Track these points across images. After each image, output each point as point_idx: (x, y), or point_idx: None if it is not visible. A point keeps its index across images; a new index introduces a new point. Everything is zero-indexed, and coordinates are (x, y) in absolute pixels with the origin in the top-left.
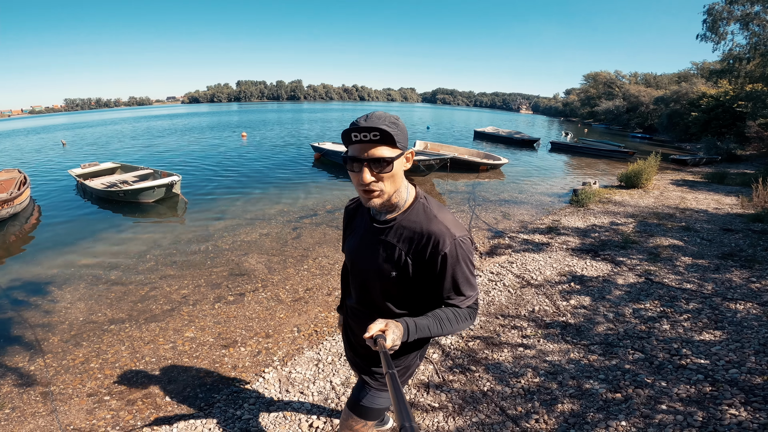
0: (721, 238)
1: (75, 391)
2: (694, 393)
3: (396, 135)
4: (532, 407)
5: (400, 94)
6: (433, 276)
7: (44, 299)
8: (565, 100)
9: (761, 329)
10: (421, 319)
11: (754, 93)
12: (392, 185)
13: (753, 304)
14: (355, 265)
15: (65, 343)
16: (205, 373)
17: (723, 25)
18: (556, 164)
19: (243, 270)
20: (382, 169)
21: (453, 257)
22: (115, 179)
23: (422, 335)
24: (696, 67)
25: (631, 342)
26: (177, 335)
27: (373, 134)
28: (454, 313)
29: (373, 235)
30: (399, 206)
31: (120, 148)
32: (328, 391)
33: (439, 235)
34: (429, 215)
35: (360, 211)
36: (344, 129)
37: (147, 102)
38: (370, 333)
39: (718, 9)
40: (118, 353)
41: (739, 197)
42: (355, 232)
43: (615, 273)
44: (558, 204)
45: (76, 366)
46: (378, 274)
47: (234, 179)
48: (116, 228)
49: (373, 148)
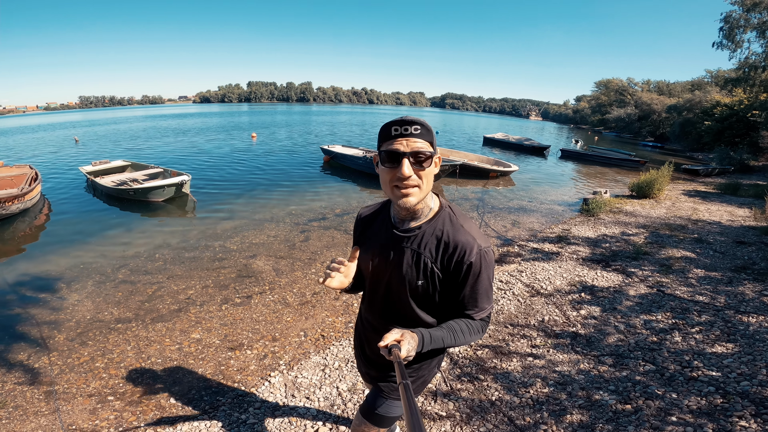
0: (734, 250)
1: (79, 390)
2: (704, 405)
3: (432, 134)
4: (541, 418)
5: (408, 98)
6: (455, 285)
7: (52, 296)
8: (575, 107)
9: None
10: (435, 330)
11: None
12: (428, 184)
13: (766, 317)
14: (377, 275)
15: (71, 342)
16: (210, 376)
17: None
18: (566, 172)
19: (251, 272)
20: (423, 163)
21: (477, 268)
22: (126, 177)
23: (436, 346)
24: (710, 75)
25: (642, 353)
26: (183, 336)
27: (415, 128)
28: (468, 325)
29: (396, 244)
30: (424, 214)
31: (131, 146)
32: (334, 397)
33: (466, 245)
34: (455, 224)
35: (378, 220)
36: (383, 124)
37: (159, 101)
38: (385, 342)
39: (735, 17)
40: (123, 353)
41: (752, 209)
42: (373, 240)
43: (626, 284)
44: (568, 213)
45: (81, 365)
46: (404, 283)
47: (243, 180)
48: (125, 226)
49: (414, 142)
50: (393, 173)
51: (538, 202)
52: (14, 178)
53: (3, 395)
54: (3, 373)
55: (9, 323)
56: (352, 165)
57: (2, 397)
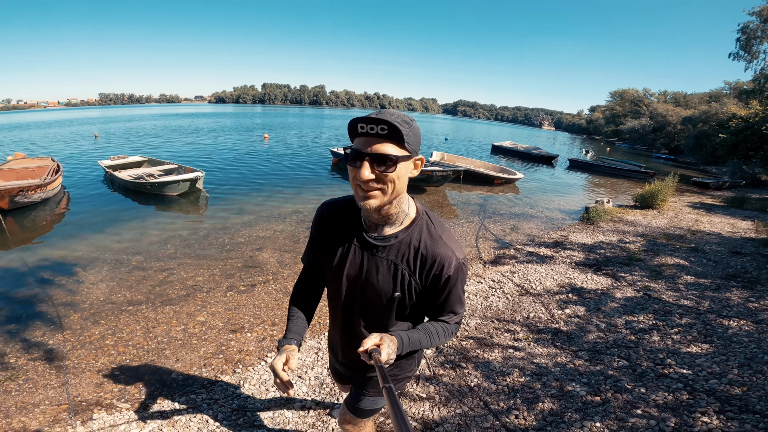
0: (728, 260)
1: (88, 365)
2: (670, 400)
3: (406, 135)
4: (514, 404)
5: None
6: (431, 295)
7: (69, 279)
8: (589, 117)
9: (750, 344)
10: (412, 332)
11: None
12: (393, 189)
13: (747, 321)
14: (349, 283)
15: (84, 321)
16: (212, 354)
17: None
18: (572, 182)
19: (256, 263)
20: (386, 168)
21: (454, 279)
22: (142, 172)
23: (414, 348)
24: (729, 87)
25: (618, 350)
26: (189, 318)
27: (381, 128)
28: (443, 328)
29: (370, 252)
30: (399, 220)
31: (148, 143)
32: (324, 376)
33: (444, 258)
34: (434, 235)
35: (347, 219)
36: (351, 119)
37: (176, 100)
38: (364, 347)
39: (753, 27)
40: (133, 332)
41: (755, 221)
42: (340, 243)
43: (614, 287)
44: (569, 221)
45: (92, 342)
46: (379, 294)
47: (253, 179)
48: (141, 217)
49: (378, 144)
50: (355, 173)
51: (540, 210)
52: (36, 170)
53: (16, 369)
54: (18, 349)
55: (28, 303)
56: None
57: (14, 372)
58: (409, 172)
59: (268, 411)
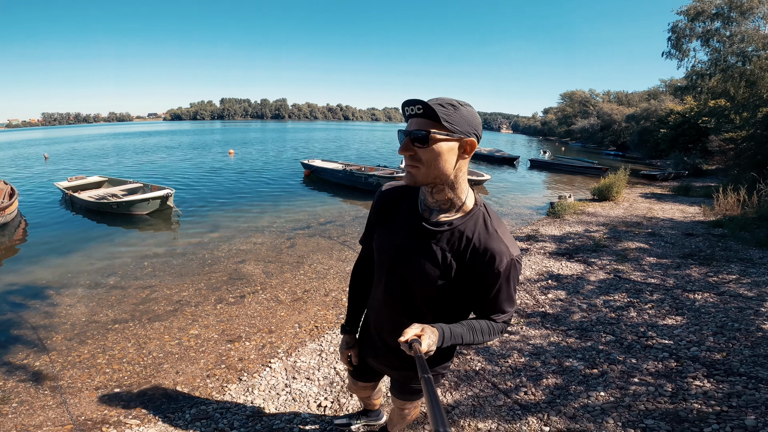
0: (683, 241)
1: (84, 384)
2: (661, 368)
3: (445, 115)
4: (521, 382)
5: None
6: (479, 290)
7: (43, 303)
8: (543, 119)
9: (718, 314)
10: (455, 326)
11: (716, 109)
12: (434, 168)
13: (711, 294)
14: (395, 267)
15: (69, 341)
16: (213, 365)
17: (686, 42)
18: (534, 180)
19: (241, 275)
20: (420, 144)
21: (505, 276)
22: (104, 192)
23: (455, 342)
24: (664, 84)
25: (603, 327)
26: (182, 333)
27: (417, 108)
28: (489, 326)
29: (422, 237)
30: (455, 206)
31: (104, 163)
32: (332, 376)
33: (497, 253)
34: (489, 229)
35: (405, 204)
36: None
37: (127, 118)
38: (405, 337)
39: (681, 26)
40: (124, 349)
41: (702, 206)
42: (396, 227)
43: (587, 272)
44: (537, 216)
45: (82, 362)
46: (423, 279)
47: (224, 195)
48: (109, 238)
49: (416, 122)
50: (400, 151)
51: (509, 208)
52: None
53: (6, 392)
54: (2, 372)
55: (3, 327)
56: (332, 178)
57: (5, 394)
58: (456, 154)
59: (283, 415)
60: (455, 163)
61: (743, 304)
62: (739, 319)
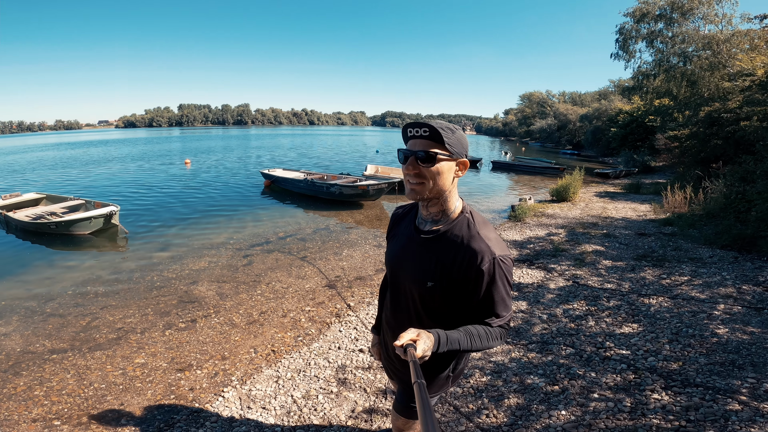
0: (636, 242)
1: (21, 416)
2: (620, 381)
3: (447, 137)
4: (482, 404)
5: (350, 117)
6: (467, 292)
7: None
8: (504, 120)
9: (672, 320)
10: (452, 332)
11: (661, 108)
12: (434, 184)
13: (664, 298)
14: (395, 273)
15: (3, 373)
16: (161, 396)
17: (632, 43)
18: (497, 182)
19: (192, 297)
20: (426, 163)
21: (489, 275)
22: (42, 211)
23: (452, 348)
24: (613, 85)
25: (563, 339)
26: (126, 362)
27: (424, 130)
28: (486, 331)
29: (416, 245)
30: (446, 216)
31: (45, 177)
32: (290, 404)
33: (478, 252)
34: (472, 230)
35: (407, 219)
36: (403, 125)
37: (76, 126)
38: (401, 341)
39: (628, 28)
40: (63, 381)
41: (652, 204)
42: (398, 239)
43: (548, 279)
44: (499, 219)
45: (18, 394)
46: (415, 283)
47: (178, 209)
48: (47, 261)
49: (421, 143)
50: (404, 170)
51: None
52: None
53: None
54: None
55: None
56: (294, 188)
57: None
58: (453, 173)
59: None
60: (452, 180)
61: (696, 308)
62: (693, 324)
